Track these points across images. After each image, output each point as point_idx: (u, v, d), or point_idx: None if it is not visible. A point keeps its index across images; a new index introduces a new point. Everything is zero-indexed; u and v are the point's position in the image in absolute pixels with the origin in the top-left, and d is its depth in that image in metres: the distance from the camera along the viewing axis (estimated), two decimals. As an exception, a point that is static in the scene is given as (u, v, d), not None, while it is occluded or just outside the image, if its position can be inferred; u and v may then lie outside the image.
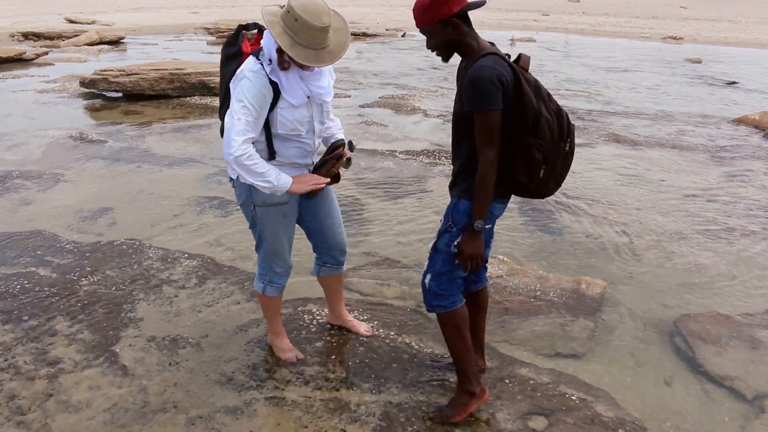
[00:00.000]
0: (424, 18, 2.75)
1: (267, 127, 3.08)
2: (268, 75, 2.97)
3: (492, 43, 2.86)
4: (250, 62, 3.00)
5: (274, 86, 2.99)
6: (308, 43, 2.86)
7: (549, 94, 2.85)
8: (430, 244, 3.13)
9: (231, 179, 3.32)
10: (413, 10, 2.79)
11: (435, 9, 2.70)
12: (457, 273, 3.08)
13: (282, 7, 2.93)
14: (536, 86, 2.79)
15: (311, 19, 2.81)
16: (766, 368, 3.83)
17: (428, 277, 3.13)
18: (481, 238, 2.89)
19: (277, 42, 2.87)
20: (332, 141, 3.41)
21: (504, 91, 2.66)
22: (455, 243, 2.97)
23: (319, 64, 2.91)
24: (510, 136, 2.76)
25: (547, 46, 19.56)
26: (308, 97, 3.11)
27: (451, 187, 3.07)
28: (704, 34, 24.59)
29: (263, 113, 3.01)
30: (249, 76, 2.95)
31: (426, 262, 3.16)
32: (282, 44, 2.84)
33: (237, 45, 3.17)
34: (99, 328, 4.04)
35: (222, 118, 3.26)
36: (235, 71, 3.05)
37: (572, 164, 3.00)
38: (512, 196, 3.06)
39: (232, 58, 3.17)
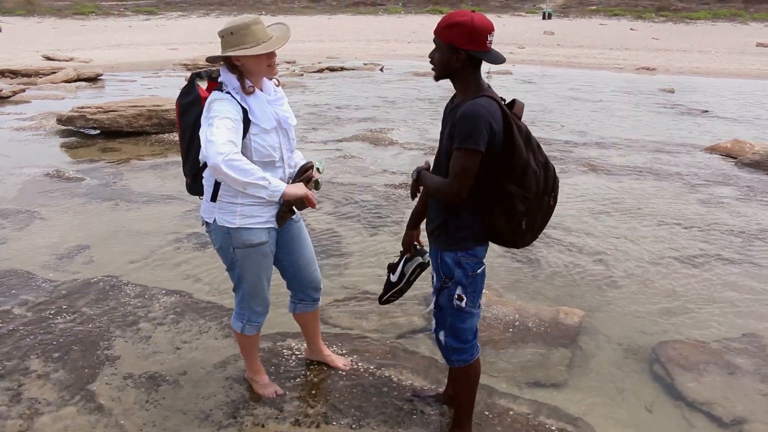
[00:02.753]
0: (442, 31, 2.72)
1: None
2: (238, 102, 3.05)
3: (489, 86, 2.83)
4: (215, 94, 3.07)
5: (244, 112, 3.05)
6: (255, 41, 3.03)
7: (539, 146, 2.82)
8: (431, 305, 3.10)
9: (206, 223, 3.31)
10: (444, 16, 2.78)
11: (454, 32, 2.67)
12: (470, 323, 3.04)
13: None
14: (527, 136, 2.76)
15: (242, 20, 3.04)
16: (744, 393, 3.86)
17: (442, 333, 3.07)
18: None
19: (238, 58, 3.04)
20: (300, 164, 3.41)
21: (493, 137, 2.64)
22: (457, 294, 2.95)
23: (272, 48, 3.06)
24: (494, 184, 2.75)
25: (523, 79, 19.82)
26: (278, 122, 3.17)
27: (432, 240, 3.05)
28: (676, 65, 25.04)
29: (240, 130, 3.02)
30: (219, 99, 3.02)
31: (433, 321, 3.12)
32: (241, 54, 3.01)
33: (193, 93, 3.21)
34: (75, 366, 3.98)
35: (186, 175, 3.31)
36: (198, 118, 3.10)
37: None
38: None
39: (190, 106, 3.21)
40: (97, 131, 10.91)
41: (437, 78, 2.87)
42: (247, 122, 3.06)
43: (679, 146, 10.68)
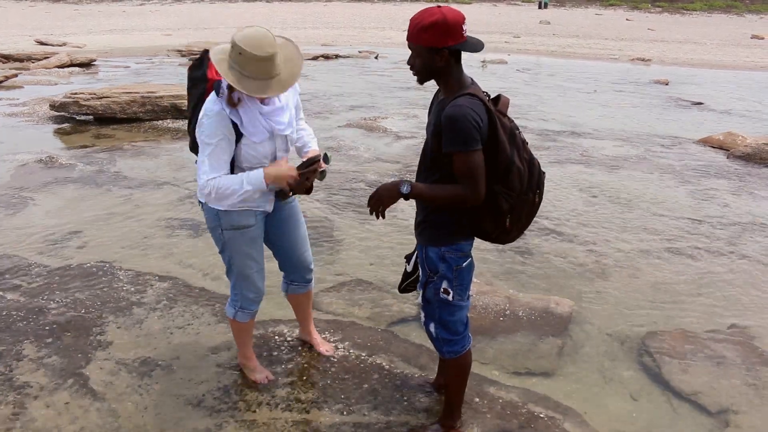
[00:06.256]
0: (416, 36, 2.66)
1: (232, 160, 3.13)
2: (228, 116, 3.00)
3: (473, 80, 2.82)
4: (210, 101, 3.05)
5: (235, 126, 3.03)
6: (255, 74, 2.88)
7: (524, 142, 2.80)
8: (420, 297, 3.12)
9: (200, 203, 3.36)
10: (410, 20, 2.70)
11: (430, 33, 2.61)
12: (459, 315, 3.05)
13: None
14: (512, 133, 2.74)
15: (254, 50, 2.83)
16: (729, 383, 3.91)
17: (432, 325, 3.08)
18: (395, 198, 2.88)
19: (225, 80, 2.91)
20: (307, 151, 3.43)
21: (479, 134, 2.62)
22: (443, 288, 2.96)
23: (267, 94, 2.93)
24: None
25: (518, 68, 19.81)
26: (270, 132, 3.15)
27: (417, 235, 3.06)
28: (671, 56, 25.05)
29: (229, 148, 3.05)
30: (209, 116, 3.01)
31: (422, 313, 3.14)
32: (230, 81, 2.86)
33: (202, 69, 3.22)
34: (68, 351, 4.00)
35: (190, 133, 3.34)
36: (202, 93, 3.14)
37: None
38: None
39: (198, 80, 3.25)
40: (91, 117, 10.85)
41: (422, 81, 2.84)
42: (239, 133, 3.05)
43: (672, 138, 10.71)
